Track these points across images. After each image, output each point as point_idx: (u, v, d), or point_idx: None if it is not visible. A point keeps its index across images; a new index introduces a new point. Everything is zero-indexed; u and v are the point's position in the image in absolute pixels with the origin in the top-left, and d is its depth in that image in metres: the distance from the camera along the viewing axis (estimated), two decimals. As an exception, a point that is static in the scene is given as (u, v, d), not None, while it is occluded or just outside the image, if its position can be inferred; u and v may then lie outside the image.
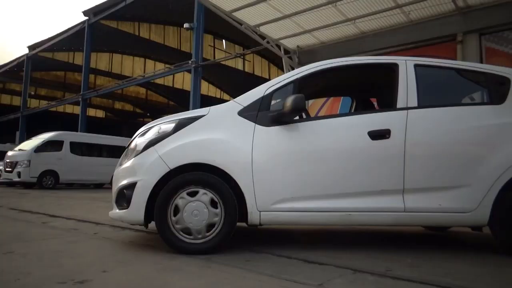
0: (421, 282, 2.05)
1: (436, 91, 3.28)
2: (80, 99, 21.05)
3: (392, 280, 2.09)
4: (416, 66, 3.06)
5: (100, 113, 34.01)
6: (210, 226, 2.64)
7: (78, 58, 25.49)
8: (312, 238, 3.77)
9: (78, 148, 13.86)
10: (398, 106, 2.93)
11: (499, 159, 2.81)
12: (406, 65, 3.05)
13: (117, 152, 12.50)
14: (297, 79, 2.99)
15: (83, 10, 20.64)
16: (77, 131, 18.93)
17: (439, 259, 2.65)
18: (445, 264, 2.50)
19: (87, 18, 20.68)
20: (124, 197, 2.77)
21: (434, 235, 4.04)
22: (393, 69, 3.08)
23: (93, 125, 22.83)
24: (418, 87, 2.98)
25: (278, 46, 9.55)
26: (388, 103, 3.07)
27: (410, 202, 2.77)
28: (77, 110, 24.24)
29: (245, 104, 2.89)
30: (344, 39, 8.95)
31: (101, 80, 28.50)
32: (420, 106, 2.93)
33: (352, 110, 4.37)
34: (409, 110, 2.90)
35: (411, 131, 2.84)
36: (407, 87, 2.97)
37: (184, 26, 14.98)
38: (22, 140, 19.72)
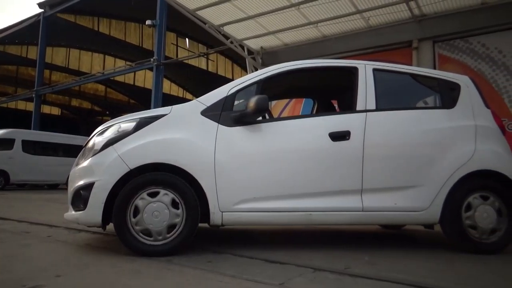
0: (377, 279, 2.13)
1: (393, 95, 3.42)
2: (33, 95, 20.00)
3: (350, 278, 2.15)
4: (374, 70, 3.17)
5: (55, 111, 32.43)
6: (171, 227, 2.60)
7: (32, 52, 24.22)
8: (273, 238, 3.81)
9: (31, 147, 13.15)
10: (358, 108, 3.03)
11: (449, 160, 2.97)
12: (365, 69, 3.16)
13: (73, 151, 11.97)
14: (260, 80, 3.01)
15: (38, 2, 19.63)
16: (30, 128, 17.99)
17: (395, 256, 2.76)
18: (400, 261, 2.61)
19: (42, 10, 19.69)
20: (80, 198, 2.66)
21: (390, 233, 4.20)
22: (353, 72, 3.18)
23: (47, 123, 21.77)
24: (376, 90, 3.09)
25: (242, 47, 9.56)
26: (348, 105, 3.16)
27: (368, 201, 2.86)
28: (30, 106, 22.94)
29: (208, 104, 2.87)
30: (307, 42, 9.10)
31: (57, 76, 27.22)
32: (378, 109, 3.04)
33: (314, 112, 4.45)
34: (367, 113, 3.00)
35: (369, 133, 2.93)
36: (366, 90, 3.07)
37: (146, 23, 14.64)
38: (-32, 138, 18.44)
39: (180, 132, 2.76)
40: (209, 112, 2.84)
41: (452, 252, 2.95)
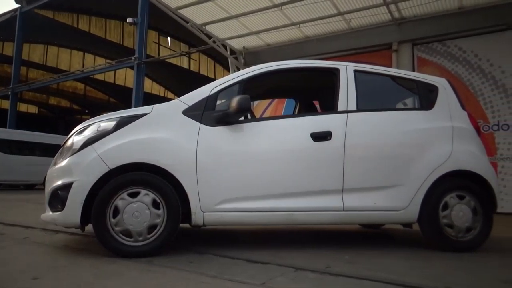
0: (358, 277, 2.16)
1: (373, 96, 3.47)
2: (9, 93, 19.42)
3: (331, 277, 2.18)
4: (355, 71, 3.21)
5: (32, 109, 31.58)
6: (152, 228, 2.57)
7: (8, 49, 23.48)
8: (255, 238, 3.81)
9: (6, 146, 12.75)
10: (339, 109, 3.06)
11: (427, 161, 3.04)
12: (346, 70, 3.19)
13: (51, 151, 11.67)
14: (243, 80, 3.01)
15: (14, -3, 19.06)
16: (5, 127, 17.47)
17: (374, 255, 2.81)
18: (380, 260, 2.65)
19: (19, 6, 19.15)
20: (58, 198, 2.60)
21: (370, 232, 4.27)
22: (334, 73, 3.21)
23: (24, 121, 21.18)
24: (357, 91, 3.13)
25: (224, 46, 9.53)
26: (330, 106, 3.19)
27: (349, 201, 2.90)
28: (5, 104, 22.27)
29: (190, 104, 2.86)
30: (289, 42, 9.15)
31: (34, 73, 26.48)
32: (359, 109, 3.08)
33: (296, 112, 4.48)
34: (349, 113, 3.04)
35: (350, 133, 2.97)
36: (347, 91, 3.11)
37: (127, 21, 14.40)
38: None
39: (162, 132, 2.73)
40: (191, 112, 2.82)
41: (430, 250, 3.02)
